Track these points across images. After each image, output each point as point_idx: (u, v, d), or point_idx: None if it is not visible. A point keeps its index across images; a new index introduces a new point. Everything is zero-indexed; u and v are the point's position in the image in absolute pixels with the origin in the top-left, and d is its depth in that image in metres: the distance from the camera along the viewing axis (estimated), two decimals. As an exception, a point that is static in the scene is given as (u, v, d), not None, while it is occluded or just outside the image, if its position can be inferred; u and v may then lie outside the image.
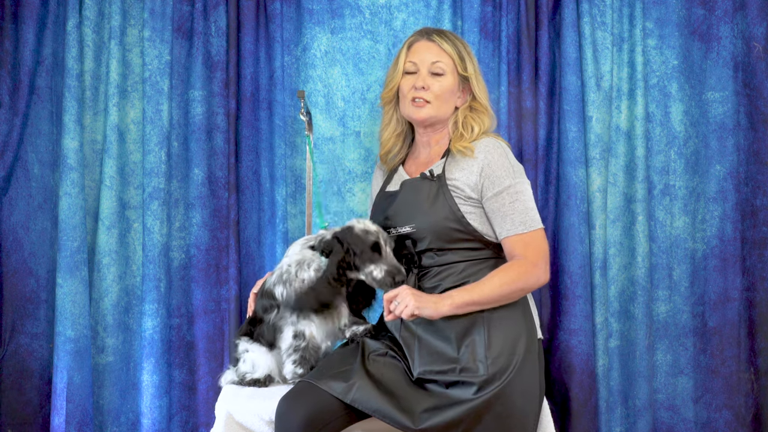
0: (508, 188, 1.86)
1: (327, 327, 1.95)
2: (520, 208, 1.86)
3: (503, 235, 1.87)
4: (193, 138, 2.50)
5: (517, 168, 1.91)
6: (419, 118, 1.99)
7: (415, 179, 1.98)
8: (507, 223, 1.86)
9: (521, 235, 1.85)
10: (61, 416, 2.35)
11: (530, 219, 1.86)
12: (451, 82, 1.98)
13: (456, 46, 1.99)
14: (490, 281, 1.82)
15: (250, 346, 2.00)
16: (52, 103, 2.48)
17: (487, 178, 1.88)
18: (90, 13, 2.44)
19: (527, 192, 1.89)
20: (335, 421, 1.76)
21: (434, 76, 1.97)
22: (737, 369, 2.52)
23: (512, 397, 1.78)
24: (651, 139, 2.55)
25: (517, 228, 1.85)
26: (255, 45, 2.50)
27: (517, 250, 1.85)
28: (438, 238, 1.88)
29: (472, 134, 1.95)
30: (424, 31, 2.03)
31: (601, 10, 2.51)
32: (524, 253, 1.84)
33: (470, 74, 1.99)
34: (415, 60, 1.99)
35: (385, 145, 2.11)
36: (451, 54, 1.98)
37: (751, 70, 2.50)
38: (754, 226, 2.51)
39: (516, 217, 1.85)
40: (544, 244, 1.88)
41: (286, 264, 1.95)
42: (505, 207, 1.86)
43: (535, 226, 1.86)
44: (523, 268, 1.83)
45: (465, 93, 2.02)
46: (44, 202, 2.47)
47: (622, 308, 2.51)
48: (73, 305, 2.37)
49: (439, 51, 1.98)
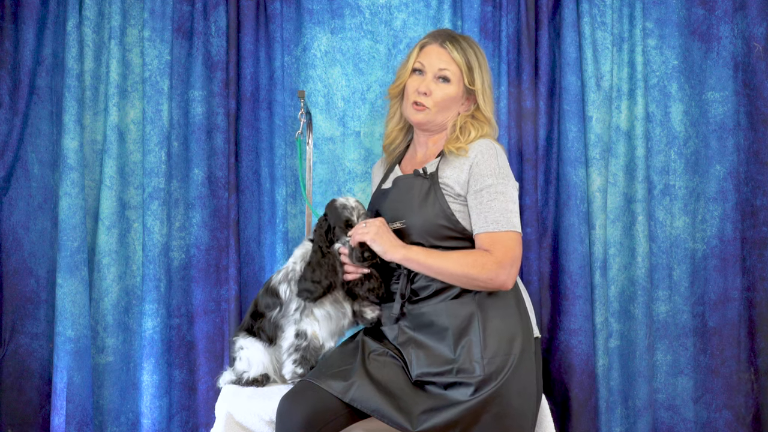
0: (489, 186, 1.86)
1: (331, 326, 1.96)
2: (497, 208, 1.84)
3: (476, 231, 1.86)
4: (193, 138, 2.50)
5: (504, 170, 1.89)
6: (416, 121, 2.00)
7: (408, 176, 1.99)
8: (480, 220, 1.85)
9: (491, 233, 1.83)
10: (61, 416, 2.35)
11: (505, 220, 1.83)
12: (455, 91, 1.98)
13: (467, 57, 1.97)
14: (449, 256, 1.84)
15: (246, 342, 2.01)
16: (52, 103, 2.48)
17: (473, 175, 1.88)
18: (90, 13, 2.44)
19: (509, 194, 1.87)
20: (336, 421, 1.76)
21: (439, 82, 1.97)
22: (737, 369, 2.52)
23: (509, 397, 1.78)
24: (651, 139, 2.55)
25: (489, 226, 1.83)
26: (255, 45, 2.50)
27: (484, 246, 1.84)
28: (428, 234, 1.89)
29: (468, 138, 1.95)
30: (438, 34, 2.02)
31: (601, 10, 2.51)
32: (491, 250, 1.82)
33: (476, 88, 1.98)
34: (424, 62, 1.99)
35: (389, 135, 2.14)
36: (460, 64, 1.96)
37: (751, 70, 2.50)
38: (754, 226, 2.51)
39: (490, 216, 1.84)
40: (514, 247, 1.83)
41: (291, 262, 1.99)
42: (483, 204, 1.85)
43: (508, 228, 1.83)
44: (484, 259, 1.81)
45: (469, 102, 2.01)
46: (44, 202, 2.47)
47: (622, 308, 2.51)
48: (73, 305, 2.37)
49: (448, 59, 1.97)
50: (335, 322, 1.96)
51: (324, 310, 1.94)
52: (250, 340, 2.01)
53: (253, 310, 2.04)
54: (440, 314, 1.86)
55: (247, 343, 2.00)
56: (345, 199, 1.95)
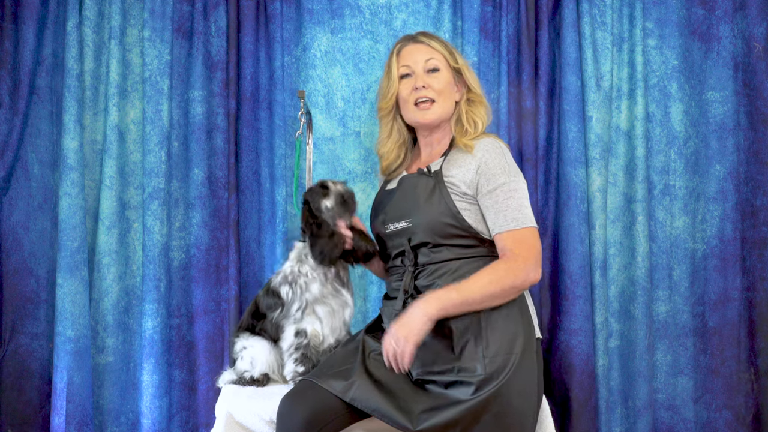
0: (502, 185, 1.87)
1: (334, 321, 1.98)
2: (513, 205, 1.86)
3: (495, 231, 1.87)
4: (193, 138, 2.50)
5: (513, 168, 1.91)
6: (427, 121, 1.99)
7: (412, 175, 1.99)
8: (500, 219, 1.86)
9: (513, 231, 1.85)
10: (61, 416, 2.35)
11: (523, 216, 1.86)
12: (447, 76, 2.00)
13: (442, 43, 2.03)
14: (479, 279, 1.80)
15: (249, 341, 2.01)
16: (52, 103, 2.48)
17: (483, 176, 1.88)
18: (90, 13, 2.45)
19: (522, 191, 1.90)
20: (336, 420, 1.76)
21: (430, 73, 1.99)
22: (737, 369, 2.52)
23: (510, 397, 1.78)
24: (651, 139, 2.55)
25: (509, 224, 1.85)
26: (255, 45, 2.50)
27: (508, 246, 1.85)
28: (433, 233, 1.89)
29: (476, 130, 1.97)
30: (407, 37, 2.06)
31: (601, 10, 2.51)
32: (515, 249, 1.84)
33: (461, 65, 2.01)
34: (408, 63, 2.00)
35: (387, 157, 2.09)
36: (441, 50, 2.01)
37: (751, 70, 2.50)
38: (754, 226, 2.51)
39: (509, 214, 1.85)
40: (536, 243, 1.86)
41: (288, 265, 2.02)
42: (499, 204, 1.86)
43: (527, 224, 1.86)
44: (511, 264, 1.82)
45: (460, 86, 2.04)
46: (44, 202, 2.47)
47: (622, 308, 2.51)
48: (73, 305, 2.37)
49: (429, 49, 2.00)
50: (338, 317, 1.98)
51: (327, 306, 1.96)
52: (255, 339, 2.01)
53: (253, 310, 2.05)
54: (442, 313, 1.86)
55: (252, 342, 2.01)
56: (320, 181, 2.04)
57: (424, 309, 1.77)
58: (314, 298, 1.96)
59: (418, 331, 1.76)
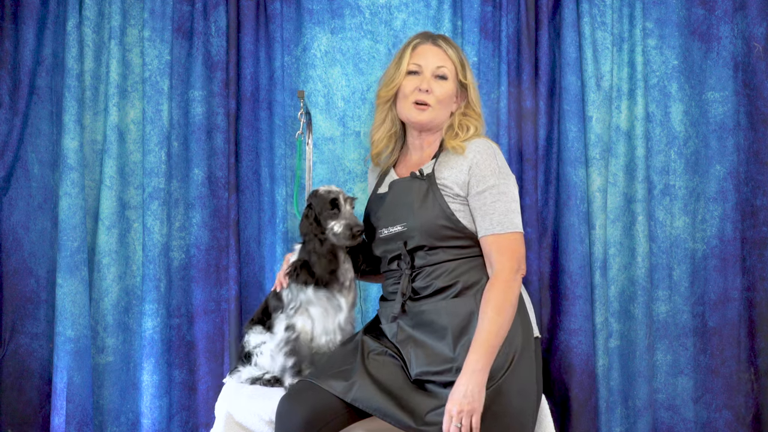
0: (491, 188, 1.87)
1: (327, 322, 1.98)
2: (500, 209, 1.86)
3: (481, 234, 1.88)
4: (193, 138, 2.50)
5: (504, 170, 1.91)
6: (420, 121, 1.99)
7: (405, 179, 1.99)
8: (486, 222, 1.86)
9: (497, 235, 1.85)
10: (61, 416, 2.35)
11: (509, 221, 1.86)
12: (452, 87, 2.00)
13: (458, 54, 2.02)
14: (485, 318, 1.79)
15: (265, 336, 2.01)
16: (52, 103, 2.48)
17: (474, 176, 1.89)
18: (90, 13, 2.45)
19: (511, 194, 1.89)
20: (336, 420, 1.76)
21: (437, 79, 1.98)
22: (737, 369, 2.52)
23: (508, 396, 1.78)
24: (651, 139, 2.55)
25: (494, 228, 1.85)
26: (255, 45, 2.50)
27: (493, 253, 1.86)
28: (429, 235, 1.89)
29: (467, 134, 1.98)
30: (427, 35, 2.05)
31: (601, 10, 2.51)
32: (499, 259, 1.84)
33: (468, 82, 2.02)
34: (420, 62, 2.00)
35: (378, 145, 2.10)
36: (455, 61, 2.00)
37: (751, 70, 2.50)
38: (754, 226, 2.51)
39: (495, 218, 1.86)
40: (519, 248, 1.86)
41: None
42: (486, 206, 1.87)
43: (511, 229, 1.86)
44: (500, 284, 1.82)
45: (460, 99, 2.04)
46: (44, 202, 2.47)
47: (622, 308, 2.51)
48: (73, 305, 2.37)
49: (444, 56, 2.00)
50: (331, 318, 1.98)
51: (321, 308, 1.96)
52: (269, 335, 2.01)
53: (264, 307, 2.07)
54: (440, 313, 1.86)
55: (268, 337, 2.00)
56: (328, 187, 2.00)
57: (476, 380, 1.74)
58: (308, 300, 1.96)
59: (480, 402, 1.73)
